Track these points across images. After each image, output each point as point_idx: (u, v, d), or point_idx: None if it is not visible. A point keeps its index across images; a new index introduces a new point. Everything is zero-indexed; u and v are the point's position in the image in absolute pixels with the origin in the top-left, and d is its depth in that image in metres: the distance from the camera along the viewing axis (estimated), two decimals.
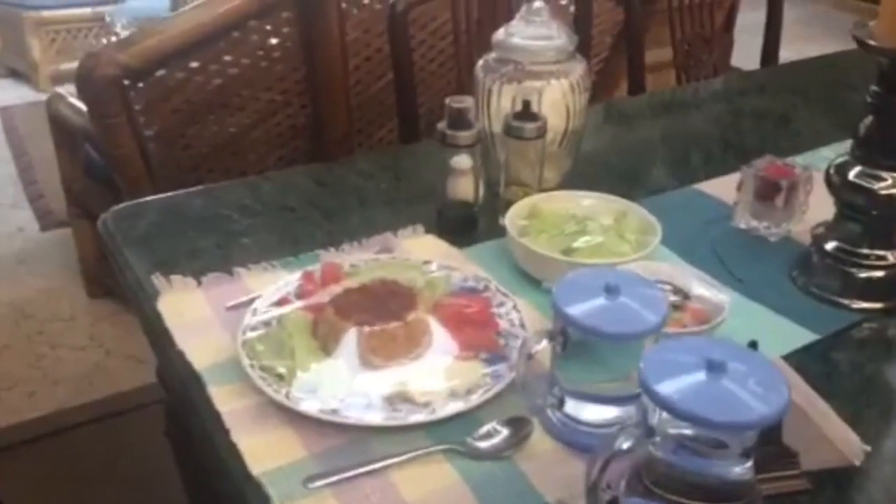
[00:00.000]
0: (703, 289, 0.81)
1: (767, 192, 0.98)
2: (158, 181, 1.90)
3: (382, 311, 0.79)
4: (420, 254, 0.97)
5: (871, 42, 0.78)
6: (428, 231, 1.03)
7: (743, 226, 1.01)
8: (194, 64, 1.77)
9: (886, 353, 0.84)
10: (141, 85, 1.72)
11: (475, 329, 0.80)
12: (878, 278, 0.87)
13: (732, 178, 1.13)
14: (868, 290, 0.87)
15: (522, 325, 0.80)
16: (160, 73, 1.72)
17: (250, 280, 0.92)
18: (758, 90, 1.49)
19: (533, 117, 0.99)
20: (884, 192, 0.82)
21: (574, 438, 0.68)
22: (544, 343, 0.67)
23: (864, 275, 0.87)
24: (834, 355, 0.82)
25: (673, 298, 0.81)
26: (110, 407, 1.93)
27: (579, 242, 0.90)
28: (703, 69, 1.83)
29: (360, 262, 0.90)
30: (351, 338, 0.76)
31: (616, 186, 1.15)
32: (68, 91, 2.07)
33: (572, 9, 1.74)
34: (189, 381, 0.77)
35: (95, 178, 2.15)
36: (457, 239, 1.01)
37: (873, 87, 0.82)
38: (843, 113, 1.37)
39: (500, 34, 1.06)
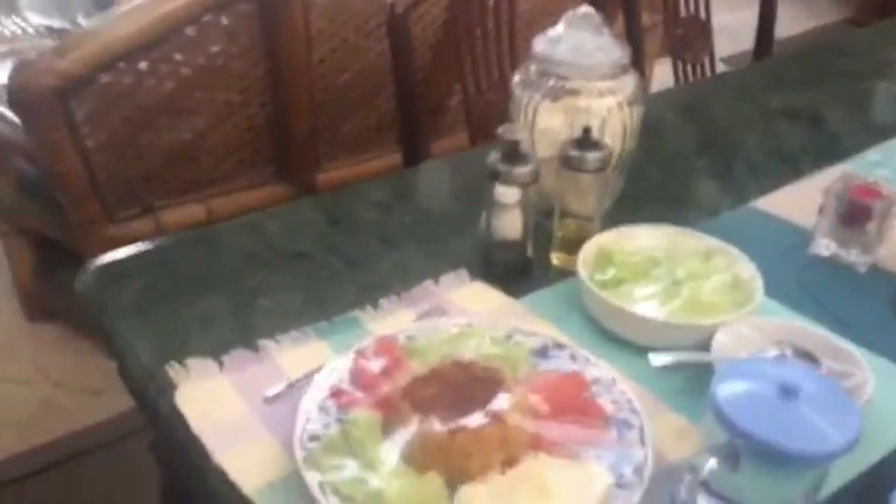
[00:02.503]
0: (832, 352, 0.70)
1: (856, 217, 0.88)
2: (106, 196, 1.70)
3: (468, 406, 0.65)
4: (474, 309, 0.83)
5: None
6: (472, 276, 0.89)
7: (825, 253, 0.91)
8: (143, 66, 1.57)
9: None
10: (84, 93, 1.51)
11: (577, 417, 0.67)
12: None
13: (792, 193, 1.03)
14: None
15: (633, 408, 0.68)
16: (105, 78, 1.52)
17: (282, 357, 0.77)
18: (775, 84, 1.39)
19: (594, 145, 0.86)
20: None
21: None
22: (713, 463, 0.54)
23: None
24: None
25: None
26: (67, 449, 1.73)
27: (669, 295, 0.78)
28: (699, 55, 1.72)
29: (416, 332, 0.76)
30: (437, 444, 0.63)
31: (667, 210, 1.03)
32: None
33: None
34: None
35: (29, 193, 1.91)
36: (508, 286, 0.87)
37: None
38: (870, 109, 1.30)
39: (541, 44, 0.92)
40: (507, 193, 0.87)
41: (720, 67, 1.75)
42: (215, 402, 0.71)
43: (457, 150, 1.99)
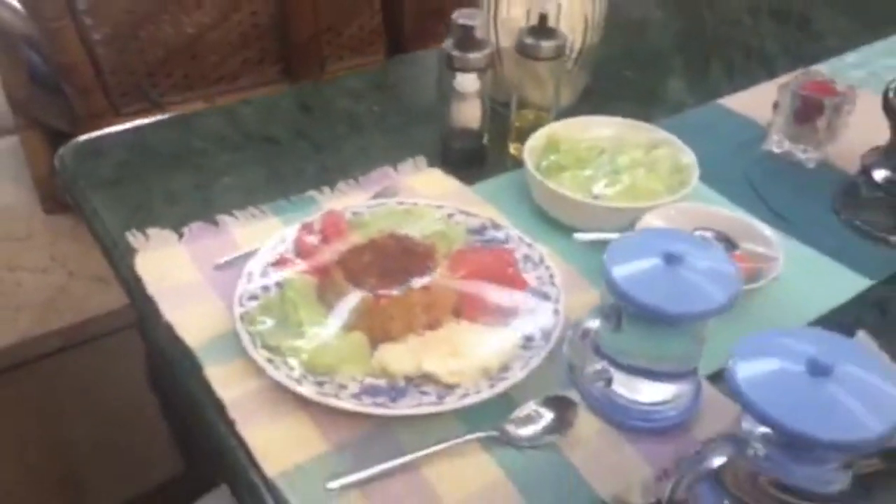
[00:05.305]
0: (751, 236, 0.73)
1: (808, 114, 0.89)
2: (111, 89, 1.75)
3: (397, 274, 0.70)
4: (426, 193, 0.87)
5: None
6: (431, 164, 0.92)
7: (777, 150, 0.93)
8: None
9: None
10: None
11: (501, 289, 0.72)
12: None
13: (759, 92, 1.04)
14: None
15: (553, 282, 0.72)
16: None
17: (238, 231, 0.82)
18: None
19: (550, 33, 0.87)
20: None
21: (625, 420, 0.61)
22: (597, 322, 0.59)
23: None
24: (891, 305, 0.75)
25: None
26: (79, 334, 1.83)
27: (609, 182, 0.80)
28: None
29: (363, 209, 0.80)
30: (364, 307, 0.67)
31: (633, 105, 1.05)
32: None
33: None
34: (181, 360, 0.68)
35: (41, 85, 1.96)
36: (463, 173, 0.91)
37: None
38: (864, 9, 1.27)
39: None
40: (464, 81, 0.89)
41: None
42: (170, 268, 0.77)
43: None
